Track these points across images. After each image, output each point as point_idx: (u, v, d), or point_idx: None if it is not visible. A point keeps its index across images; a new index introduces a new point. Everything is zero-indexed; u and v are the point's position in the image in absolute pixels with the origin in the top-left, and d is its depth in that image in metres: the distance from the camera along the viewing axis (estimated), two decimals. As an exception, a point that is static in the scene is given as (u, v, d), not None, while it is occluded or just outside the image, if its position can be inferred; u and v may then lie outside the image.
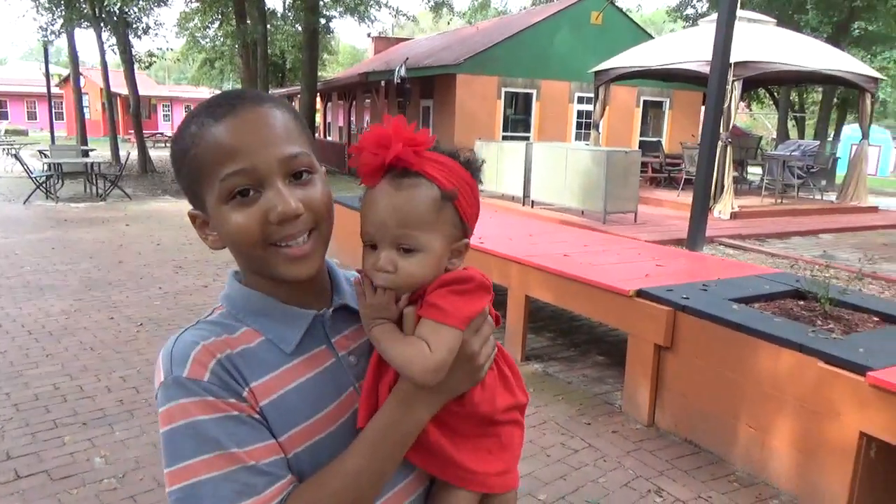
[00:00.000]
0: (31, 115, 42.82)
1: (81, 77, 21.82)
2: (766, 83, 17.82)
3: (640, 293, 3.85)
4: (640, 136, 19.27)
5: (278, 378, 0.85)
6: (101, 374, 4.36)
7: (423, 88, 18.65)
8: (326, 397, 0.88)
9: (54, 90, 28.17)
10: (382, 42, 28.09)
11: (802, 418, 3.02)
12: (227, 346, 0.84)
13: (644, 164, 12.78)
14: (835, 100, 21.53)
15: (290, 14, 21.19)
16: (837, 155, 15.78)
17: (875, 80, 12.12)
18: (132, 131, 20.90)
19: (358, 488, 0.83)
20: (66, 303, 5.96)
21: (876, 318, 3.63)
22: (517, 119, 18.19)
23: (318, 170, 0.89)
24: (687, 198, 10.07)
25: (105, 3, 16.35)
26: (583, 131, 18.30)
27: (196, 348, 0.82)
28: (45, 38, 18.85)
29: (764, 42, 11.13)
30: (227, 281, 0.94)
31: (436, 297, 0.84)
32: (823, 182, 13.85)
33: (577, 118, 18.64)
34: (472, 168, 0.91)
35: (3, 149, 20.74)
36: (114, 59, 20.82)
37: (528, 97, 18.11)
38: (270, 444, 0.82)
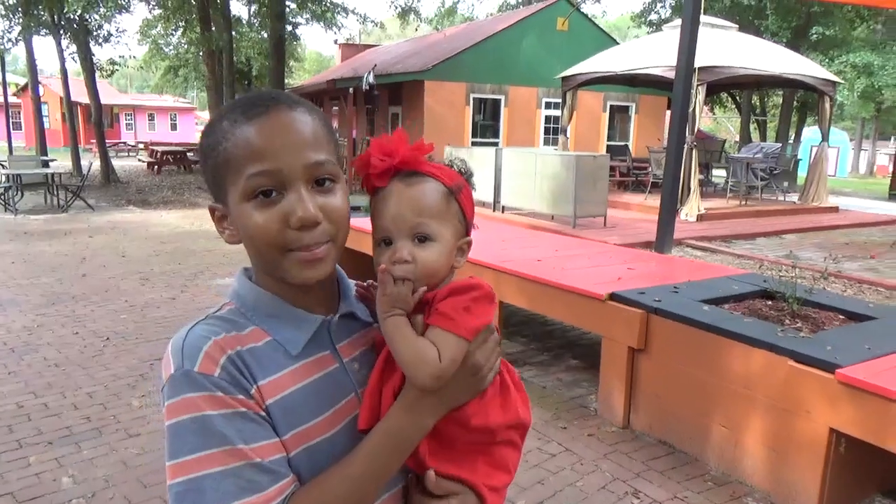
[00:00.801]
0: (-12, 126, 41.60)
1: (40, 86, 21.26)
2: (728, 87, 18.21)
3: (613, 296, 3.89)
4: (608, 140, 19.52)
5: (284, 378, 0.87)
6: (67, 391, 4.24)
7: (391, 95, 18.64)
8: (328, 401, 0.90)
9: (11, 99, 27.43)
10: (350, 49, 28.03)
11: (773, 416, 3.07)
12: (237, 342, 0.85)
13: (612, 169, 12.92)
14: (795, 103, 22.11)
15: (255, 21, 21.00)
16: (798, 157, 16.17)
17: (833, 83, 12.45)
18: (94, 141, 20.44)
19: (360, 491, 0.85)
20: (28, 318, 5.79)
21: (842, 317, 3.72)
22: (486, 125, 18.28)
23: (341, 179, 0.91)
24: (654, 201, 10.21)
25: (65, 10, 16.00)
26: (551, 136, 18.47)
27: (208, 343, 0.83)
28: (2, 47, 18.35)
29: (726, 47, 11.37)
30: (237, 278, 0.95)
31: (445, 306, 0.86)
32: (786, 183, 14.16)
33: (545, 123, 18.81)
34: (466, 175, 0.98)
35: (-41, 160, 20.10)
36: (74, 67, 20.42)
37: (496, 103, 18.22)
38: (275, 442, 0.83)
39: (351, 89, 18.37)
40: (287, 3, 17.09)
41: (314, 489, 0.84)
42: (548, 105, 18.55)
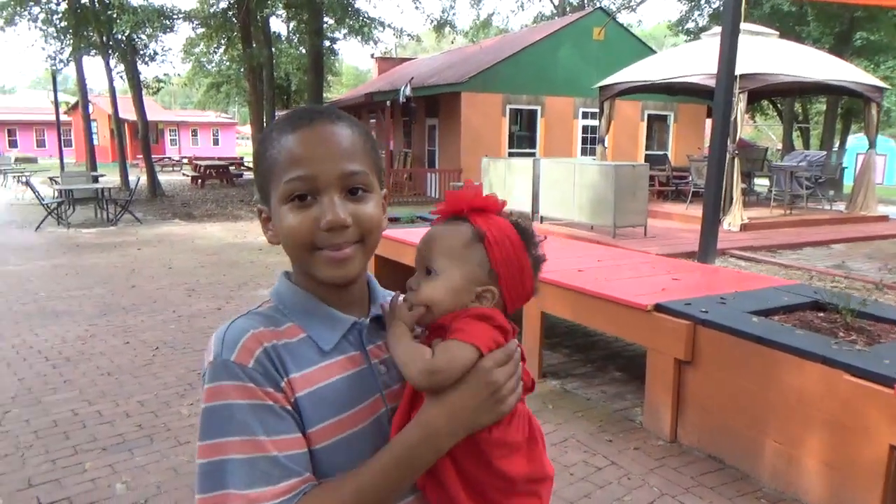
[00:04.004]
0: (40, 143, 43.22)
1: (90, 104, 22.04)
2: (770, 95, 17.86)
3: (659, 307, 3.83)
4: (646, 149, 19.32)
5: (315, 373, 0.91)
6: (119, 399, 4.36)
7: (428, 107, 18.77)
8: (354, 399, 0.93)
9: (63, 117, 28.49)
10: (386, 62, 28.35)
11: (829, 432, 2.98)
12: (273, 336, 0.91)
13: (651, 178, 12.77)
14: (839, 110, 21.55)
15: (294, 37, 21.41)
16: (844, 165, 15.75)
17: (880, 89, 12.13)
18: (140, 156, 21.05)
19: (371, 501, 0.87)
20: (81, 328, 5.98)
21: (898, 329, 3.60)
22: (522, 136, 18.27)
23: (376, 189, 0.97)
24: (695, 210, 10.06)
25: (113, 31, 16.56)
26: (588, 146, 18.36)
27: (246, 335, 0.89)
28: (54, 67, 19.06)
29: (768, 54, 11.17)
30: (279, 279, 1.02)
31: (459, 323, 0.91)
32: (831, 192, 13.80)
33: (582, 133, 18.71)
34: (521, 231, 0.99)
35: (15, 176, 20.92)
36: (121, 85, 21.06)
37: (532, 114, 18.20)
38: (297, 438, 0.87)
39: (388, 102, 18.56)
40: (325, 19, 17.38)
41: (325, 491, 0.86)
42: (584, 115, 18.45)
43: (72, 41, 17.86)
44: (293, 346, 0.92)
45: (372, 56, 28.53)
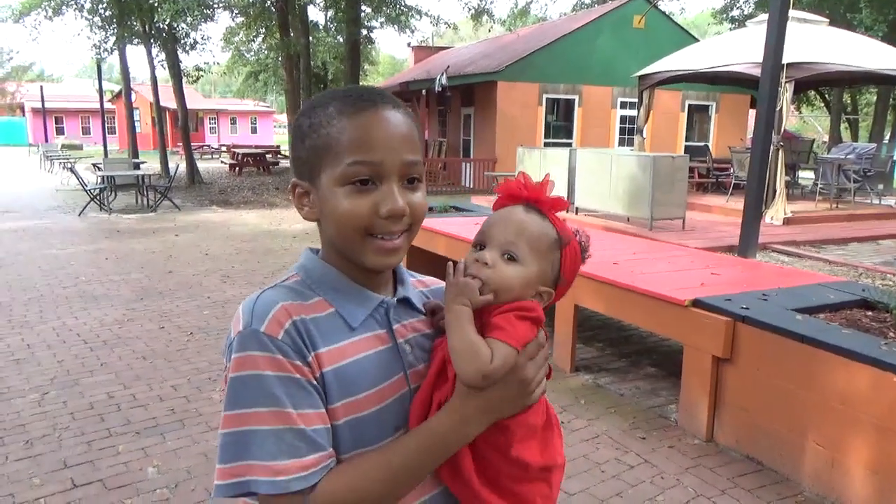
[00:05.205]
0: (86, 130, 44.41)
1: (132, 92, 22.49)
2: (817, 85, 17.27)
3: (697, 303, 3.71)
4: (686, 140, 18.91)
5: (342, 349, 0.91)
6: (153, 384, 4.42)
7: (463, 96, 18.66)
8: (379, 376, 0.93)
9: (107, 105, 29.17)
10: (422, 51, 28.24)
11: (877, 436, 2.85)
12: (302, 310, 0.90)
13: (690, 170, 12.47)
14: (891, 100, 20.75)
15: (332, 26, 21.48)
16: (894, 158, 15.15)
17: (936, 78, 11.59)
18: (180, 144, 21.42)
19: (394, 484, 0.88)
20: (119, 312, 6.10)
21: (953, 330, 3.42)
22: (559, 125, 18.04)
23: (424, 178, 0.98)
24: (736, 203, 9.78)
25: (155, 20, 16.83)
26: (626, 137, 18.04)
27: (276, 307, 0.89)
28: (99, 56, 19.48)
29: (817, 42, 10.77)
30: (303, 255, 1.01)
31: (500, 320, 0.90)
32: (881, 186, 13.29)
33: (620, 123, 18.39)
34: (583, 247, 1.03)
35: (60, 163, 21.50)
36: (163, 74, 21.44)
37: (569, 103, 17.95)
38: (322, 413, 0.87)
39: (424, 91, 18.51)
40: (362, 7, 17.37)
41: (351, 470, 0.87)
42: (623, 105, 18.12)
43: (116, 30, 18.23)
44: (321, 320, 0.91)
45: (408, 45, 28.46)
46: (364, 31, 19.54)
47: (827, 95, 22.58)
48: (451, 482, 0.94)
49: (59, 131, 42.99)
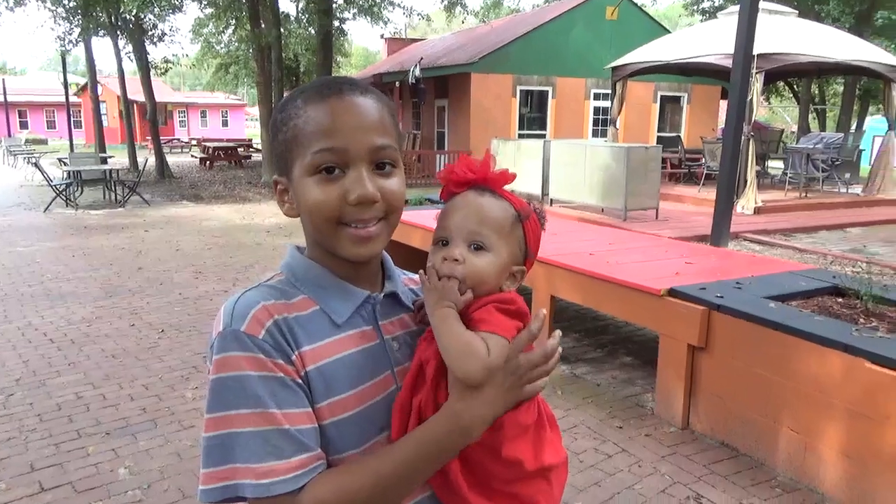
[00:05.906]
0: (51, 124, 43.29)
1: (99, 85, 21.96)
2: (787, 75, 17.52)
3: (672, 292, 3.73)
4: (658, 131, 19.04)
5: (327, 347, 0.89)
6: (124, 383, 4.33)
7: (437, 88, 18.57)
8: (365, 374, 0.91)
9: (72, 99, 28.48)
10: (395, 43, 28.02)
11: (849, 421, 2.89)
12: (284, 309, 0.88)
13: (663, 160, 12.56)
14: (857, 91, 21.15)
15: (303, 17, 21.19)
16: (861, 147, 15.44)
17: (901, 69, 11.81)
18: (149, 138, 21.01)
19: (386, 490, 0.85)
20: (87, 310, 5.95)
21: (921, 315, 3.48)
22: (533, 117, 18.05)
23: (400, 165, 0.94)
24: (708, 193, 9.88)
25: (121, 10, 16.44)
26: (599, 128, 18.12)
27: (257, 307, 0.87)
28: (63, 48, 18.99)
29: (786, 33, 10.90)
30: (288, 252, 0.99)
31: (483, 313, 0.88)
32: (848, 175, 13.52)
33: (594, 115, 18.46)
34: (539, 216, 1.00)
35: (24, 157, 20.94)
36: (130, 66, 21.00)
37: (543, 95, 17.97)
38: (307, 412, 0.85)
39: (397, 83, 18.36)
40: (334, -2, 17.17)
41: (342, 475, 0.84)
42: (596, 96, 18.20)
43: (81, 22, 17.77)
44: (305, 318, 0.89)
45: (381, 36, 28.24)
46: (336, 23, 19.29)
47: (796, 86, 22.94)
48: (439, 489, 0.91)
49: (23, 125, 41.84)
